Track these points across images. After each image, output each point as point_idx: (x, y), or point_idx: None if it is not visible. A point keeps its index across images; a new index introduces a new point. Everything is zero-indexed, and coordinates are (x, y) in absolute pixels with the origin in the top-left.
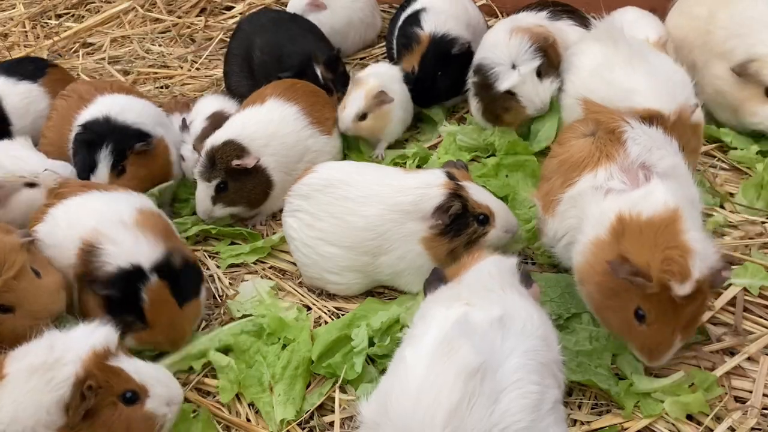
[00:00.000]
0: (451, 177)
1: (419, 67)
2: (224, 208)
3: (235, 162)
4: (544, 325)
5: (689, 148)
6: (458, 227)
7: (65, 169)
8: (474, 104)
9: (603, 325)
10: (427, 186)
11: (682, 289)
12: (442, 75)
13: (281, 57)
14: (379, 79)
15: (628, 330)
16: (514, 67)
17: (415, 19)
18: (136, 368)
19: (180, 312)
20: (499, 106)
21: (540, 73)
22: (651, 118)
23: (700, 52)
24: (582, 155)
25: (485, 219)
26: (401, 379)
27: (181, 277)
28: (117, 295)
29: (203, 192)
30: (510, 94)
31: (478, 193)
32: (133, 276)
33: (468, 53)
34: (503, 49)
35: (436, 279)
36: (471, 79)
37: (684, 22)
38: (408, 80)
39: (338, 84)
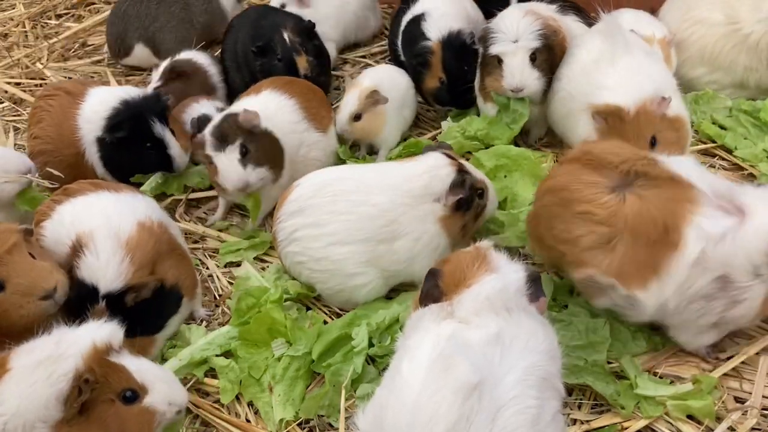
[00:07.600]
0: (450, 157)
1: (445, 73)
2: (256, 169)
3: (241, 118)
4: (549, 339)
5: (665, 140)
6: (467, 201)
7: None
8: (477, 77)
9: None
10: (436, 168)
11: None
12: (468, 69)
13: (254, 35)
14: (373, 80)
15: None
16: (515, 42)
17: (417, 29)
18: (139, 367)
19: None
20: (485, 68)
21: (534, 61)
22: (610, 113)
23: (738, 50)
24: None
25: (482, 193)
26: (397, 394)
27: (130, 315)
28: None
29: (227, 159)
30: (498, 61)
31: (473, 170)
32: (87, 294)
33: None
34: (512, 24)
35: (432, 290)
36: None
37: (701, 31)
38: (441, 92)
39: (309, 52)
